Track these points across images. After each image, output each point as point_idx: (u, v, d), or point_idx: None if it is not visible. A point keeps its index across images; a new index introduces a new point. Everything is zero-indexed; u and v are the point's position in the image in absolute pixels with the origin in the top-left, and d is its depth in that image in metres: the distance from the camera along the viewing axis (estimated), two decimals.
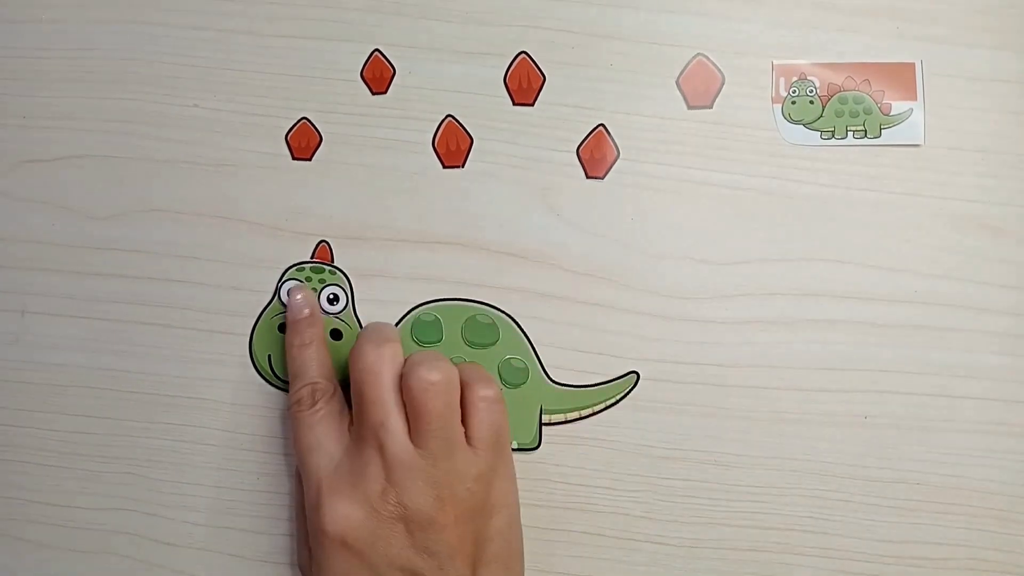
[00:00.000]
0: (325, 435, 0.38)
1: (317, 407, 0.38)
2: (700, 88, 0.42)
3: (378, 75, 0.43)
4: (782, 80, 0.42)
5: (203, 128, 0.43)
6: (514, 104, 0.43)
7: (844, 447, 0.41)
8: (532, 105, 0.43)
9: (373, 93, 0.43)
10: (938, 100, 0.42)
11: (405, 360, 0.38)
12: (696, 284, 0.41)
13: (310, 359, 0.39)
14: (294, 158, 0.43)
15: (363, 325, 0.42)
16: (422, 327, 0.42)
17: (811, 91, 0.42)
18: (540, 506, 0.41)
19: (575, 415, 0.42)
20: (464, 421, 0.38)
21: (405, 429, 0.36)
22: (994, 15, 0.42)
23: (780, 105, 0.42)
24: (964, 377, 0.41)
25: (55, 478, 0.43)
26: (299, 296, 0.41)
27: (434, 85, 0.43)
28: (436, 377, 0.36)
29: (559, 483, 0.41)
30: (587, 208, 0.42)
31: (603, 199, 0.42)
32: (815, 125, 0.42)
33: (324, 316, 0.42)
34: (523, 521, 0.40)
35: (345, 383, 0.40)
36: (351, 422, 0.38)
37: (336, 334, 0.42)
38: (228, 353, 0.42)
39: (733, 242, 0.42)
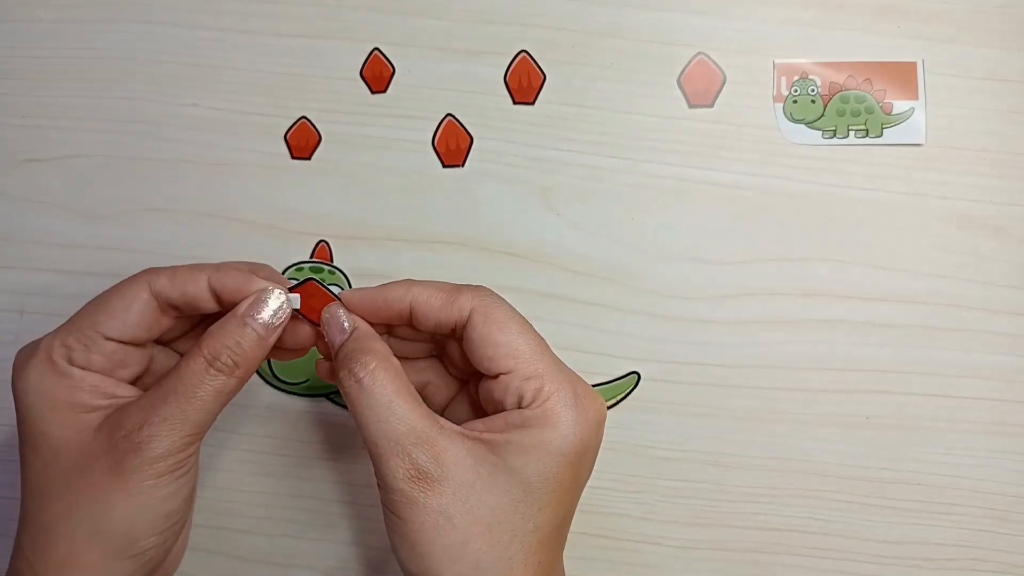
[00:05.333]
0: None
1: None
2: (701, 87, 0.42)
3: (377, 74, 0.43)
4: (783, 79, 0.42)
5: (203, 128, 0.43)
6: (514, 103, 0.43)
7: (845, 447, 0.41)
8: (532, 104, 0.42)
9: (372, 92, 0.43)
10: (939, 99, 0.41)
11: None
12: (696, 284, 0.41)
13: None
14: (293, 157, 0.43)
15: None
16: None
17: (812, 90, 0.42)
18: None
19: None
20: None
21: None
22: (995, 15, 0.41)
23: (781, 104, 0.42)
24: (964, 377, 0.41)
25: None
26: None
27: (434, 84, 0.43)
28: None
29: None
30: (587, 208, 0.42)
31: (603, 199, 0.42)
32: (816, 124, 0.42)
33: None
34: None
35: None
36: None
37: None
38: None
39: (733, 242, 0.41)
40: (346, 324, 0.33)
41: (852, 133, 0.42)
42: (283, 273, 0.42)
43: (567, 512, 0.33)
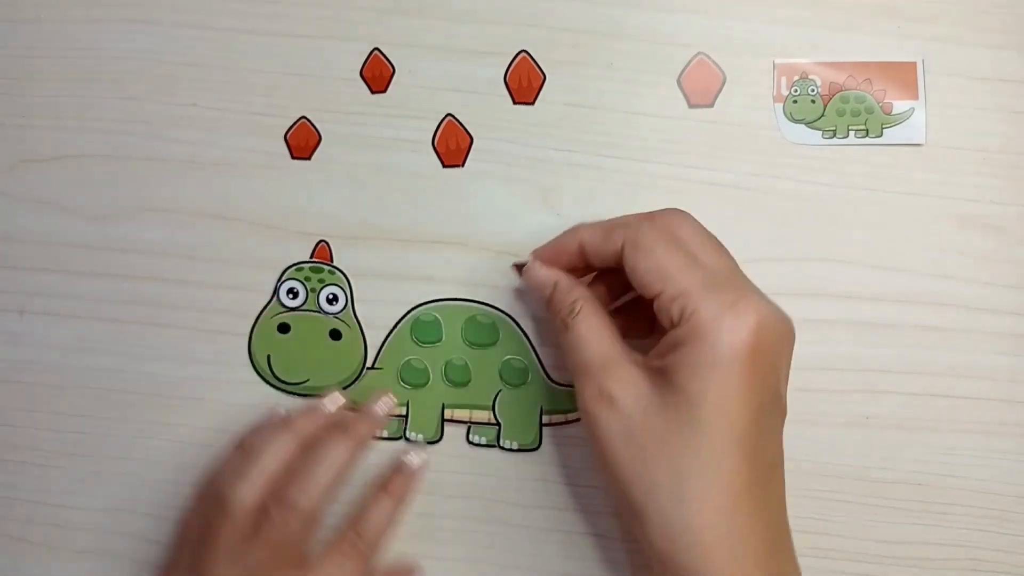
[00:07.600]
0: None
1: None
2: (701, 87, 0.42)
3: (377, 74, 0.43)
4: (783, 79, 0.42)
5: (202, 128, 0.43)
6: (514, 103, 0.43)
7: (844, 447, 0.41)
8: (532, 104, 0.42)
9: (372, 92, 0.43)
10: (939, 99, 0.41)
11: None
12: None
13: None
14: (293, 157, 0.43)
15: (363, 325, 0.42)
16: (422, 327, 0.42)
17: (812, 90, 0.42)
18: (540, 506, 0.41)
19: (575, 415, 0.41)
20: None
21: None
22: (995, 15, 0.41)
23: (781, 104, 0.42)
24: (964, 377, 0.41)
25: (54, 478, 0.43)
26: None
27: (434, 84, 0.43)
28: None
29: (559, 483, 0.41)
30: (587, 208, 0.42)
31: (603, 199, 0.42)
32: (816, 124, 0.42)
33: (323, 316, 0.42)
34: (523, 521, 0.40)
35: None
36: None
37: (335, 334, 0.42)
38: (227, 353, 0.42)
39: (733, 242, 0.41)
40: (546, 278, 0.37)
41: (852, 133, 0.42)
42: (282, 273, 0.42)
43: (755, 442, 0.32)
